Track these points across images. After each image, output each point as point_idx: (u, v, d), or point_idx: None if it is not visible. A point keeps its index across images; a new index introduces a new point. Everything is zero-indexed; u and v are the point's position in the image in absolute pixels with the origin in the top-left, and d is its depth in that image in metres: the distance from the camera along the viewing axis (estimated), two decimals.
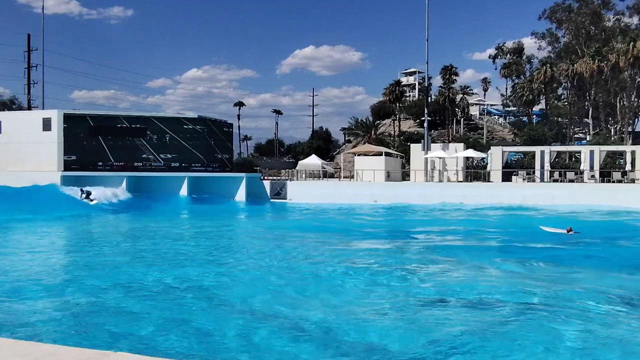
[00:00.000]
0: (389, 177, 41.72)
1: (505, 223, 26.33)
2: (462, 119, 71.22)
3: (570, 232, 20.87)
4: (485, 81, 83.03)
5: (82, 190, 32.76)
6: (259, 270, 14.69)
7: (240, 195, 38.38)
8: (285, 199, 39.82)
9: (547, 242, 19.32)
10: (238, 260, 16.74)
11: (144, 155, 37.90)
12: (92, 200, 32.37)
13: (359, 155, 45.43)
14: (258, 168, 50.24)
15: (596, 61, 53.86)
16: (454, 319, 9.74)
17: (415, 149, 43.38)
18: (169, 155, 38.35)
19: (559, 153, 42.34)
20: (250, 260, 16.51)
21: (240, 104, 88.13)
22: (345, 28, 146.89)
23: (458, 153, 41.25)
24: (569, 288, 11.99)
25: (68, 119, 36.64)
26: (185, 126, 38.79)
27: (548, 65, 58.57)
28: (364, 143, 57.85)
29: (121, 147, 37.37)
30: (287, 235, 22.45)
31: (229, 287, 12.53)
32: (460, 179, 41.14)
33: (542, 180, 38.46)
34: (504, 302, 10.70)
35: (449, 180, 41.19)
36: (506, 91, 75.01)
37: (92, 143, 36.91)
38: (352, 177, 44.52)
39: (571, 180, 37.24)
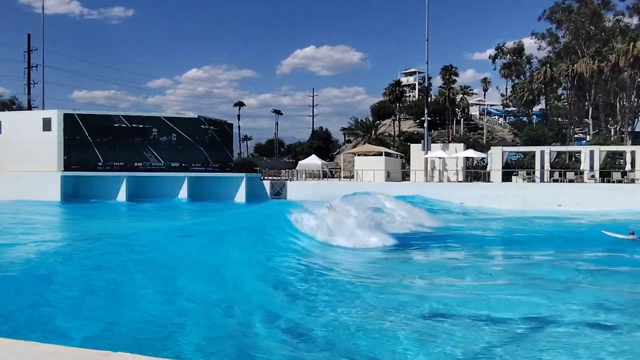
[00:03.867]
0: (389, 177, 41.73)
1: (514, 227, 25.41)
2: (462, 119, 71.23)
3: (633, 236, 19.11)
4: (485, 81, 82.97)
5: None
6: None
7: (240, 195, 38.40)
8: (285, 199, 39.85)
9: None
10: None
11: (144, 155, 37.92)
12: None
13: (359, 155, 45.44)
14: (258, 168, 50.24)
15: (596, 61, 53.86)
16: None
17: (415, 149, 43.38)
18: (169, 155, 38.38)
19: (559, 153, 42.31)
20: None
21: (240, 104, 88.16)
22: (345, 28, 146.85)
23: (458, 153, 41.25)
24: None
25: (68, 118, 36.66)
26: (185, 126, 38.83)
27: (548, 65, 58.58)
28: (364, 143, 57.85)
29: (121, 147, 37.40)
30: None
31: None
32: (460, 179, 41.13)
33: (542, 180, 38.46)
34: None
35: (449, 181, 41.18)
36: (506, 91, 75.06)
37: (92, 143, 36.93)
38: (352, 177, 44.53)
39: (571, 180, 37.25)
